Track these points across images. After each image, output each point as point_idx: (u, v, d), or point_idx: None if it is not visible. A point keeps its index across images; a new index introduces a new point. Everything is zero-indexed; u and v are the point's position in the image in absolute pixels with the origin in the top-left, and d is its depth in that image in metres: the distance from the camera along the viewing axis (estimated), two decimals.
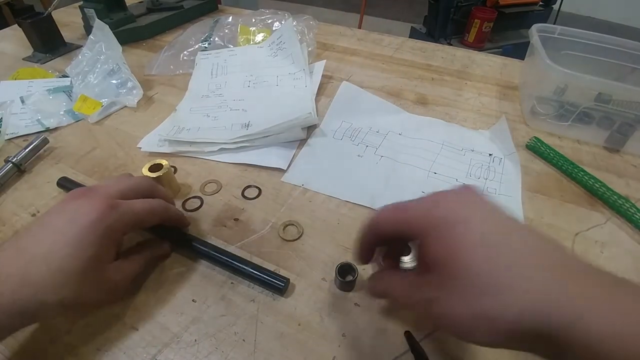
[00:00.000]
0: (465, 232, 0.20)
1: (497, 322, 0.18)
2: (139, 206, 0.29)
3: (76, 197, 0.28)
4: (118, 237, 0.29)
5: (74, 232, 0.25)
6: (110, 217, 0.27)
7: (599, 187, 0.40)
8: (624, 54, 0.52)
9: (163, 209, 0.32)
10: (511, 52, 1.74)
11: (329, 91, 0.59)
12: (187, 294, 0.32)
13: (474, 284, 0.18)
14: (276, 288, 0.31)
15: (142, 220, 0.30)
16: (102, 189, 0.29)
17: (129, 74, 0.58)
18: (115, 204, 0.27)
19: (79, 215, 0.26)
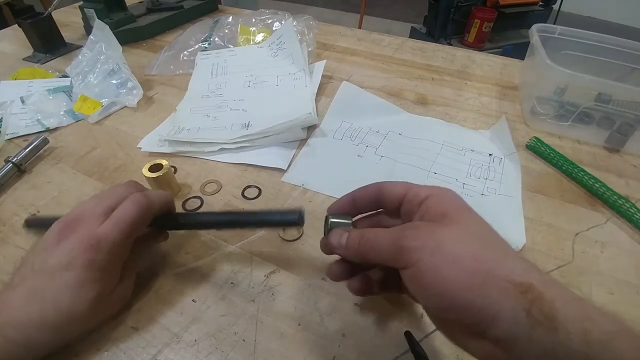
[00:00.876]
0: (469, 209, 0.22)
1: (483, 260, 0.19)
2: (123, 225, 0.27)
3: (65, 235, 0.26)
4: (117, 264, 0.28)
5: (74, 277, 0.25)
6: (100, 257, 0.26)
7: (599, 187, 0.40)
8: (624, 54, 0.52)
9: (146, 212, 0.28)
10: (511, 52, 1.74)
11: (329, 91, 0.59)
12: (187, 294, 0.32)
13: (473, 232, 0.20)
14: (291, 223, 0.28)
15: (132, 234, 0.28)
16: (88, 217, 0.27)
17: (129, 74, 0.58)
18: (100, 239, 0.26)
19: (72, 260, 0.25)
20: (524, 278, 0.18)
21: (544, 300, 0.17)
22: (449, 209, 0.22)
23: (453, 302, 0.18)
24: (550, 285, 0.17)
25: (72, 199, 0.41)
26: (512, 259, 0.19)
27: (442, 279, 0.18)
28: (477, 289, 0.18)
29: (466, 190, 0.42)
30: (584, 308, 0.17)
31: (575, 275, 0.33)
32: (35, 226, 0.34)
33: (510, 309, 0.17)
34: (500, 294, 0.17)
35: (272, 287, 0.32)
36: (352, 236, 0.24)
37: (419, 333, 0.29)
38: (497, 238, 0.21)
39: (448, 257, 0.19)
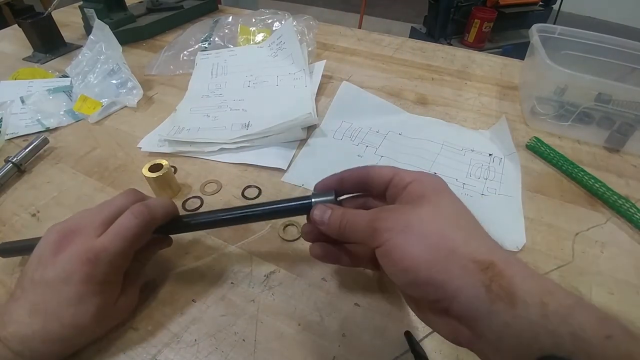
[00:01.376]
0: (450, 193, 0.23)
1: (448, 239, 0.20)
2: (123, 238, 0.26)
3: (62, 246, 0.26)
4: (118, 275, 0.27)
5: (73, 292, 0.25)
6: (99, 271, 0.25)
7: (599, 187, 0.40)
8: (624, 54, 0.52)
9: (147, 223, 0.27)
10: (511, 52, 1.74)
11: (329, 91, 0.59)
12: (187, 294, 0.32)
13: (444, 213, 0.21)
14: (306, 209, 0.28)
15: (133, 246, 0.27)
16: (86, 228, 0.26)
17: (129, 74, 0.58)
18: (99, 252, 0.25)
19: (70, 274, 0.25)
20: (485, 256, 0.19)
21: (504, 277, 0.18)
22: (427, 191, 0.23)
23: (417, 277, 0.19)
24: (511, 263, 0.18)
25: (72, 199, 0.41)
26: (479, 238, 0.20)
27: (407, 255, 0.20)
28: (440, 265, 0.19)
29: (466, 190, 0.42)
30: (543, 283, 0.18)
31: (575, 275, 0.33)
32: (8, 252, 0.33)
33: (471, 285, 0.18)
34: (461, 270, 0.18)
35: (272, 287, 0.32)
36: (335, 214, 0.25)
37: (419, 333, 0.29)
38: (469, 219, 0.22)
39: (415, 235, 0.20)
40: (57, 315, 0.24)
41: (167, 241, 0.32)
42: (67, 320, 0.24)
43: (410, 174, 0.25)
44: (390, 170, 0.26)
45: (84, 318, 0.25)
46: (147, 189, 0.40)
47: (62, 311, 0.24)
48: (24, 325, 0.24)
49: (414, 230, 0.20)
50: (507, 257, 0.19)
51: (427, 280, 0.19)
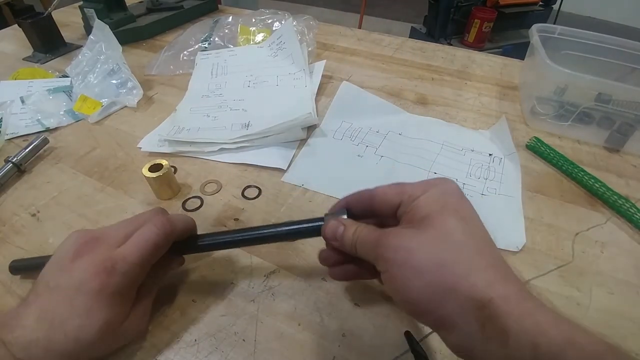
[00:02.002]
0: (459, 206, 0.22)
1: (448, 274, 0.19)
2: (143, 248, 0.26)
3: (81, 253, 0.25)
4: (131, 289, 0.26)
5: (82, 302, 0.24)
6: (113, 281, 0.24)
7: (599, 187, 0.40)
8: (624, 54, 0.52)
9: (167, 235, 0.27)
10: (511, 52, 1.74)
11: (329, 91, 0.59)
12: (187, 294, 0.32)
13: (448, 240, 0.20)
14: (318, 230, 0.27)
15: (152, 258, 0.27)
16: (108, 238, 0.26)
17: (129, 74, 0.58)
18: (117, 261, 0.25)
19: (83, 283, 0.24)
20: (484, 293, 0.18)
21: (499, 316, 0.18)
22: (432, 210, 0.22)
23: (416, 309, 0.20)
24: (510, 300, 0.18)
25: (72, 199, 0.41)
26: (482, 268, 0.20)
27: (407, 289, 0.20)
28: (438, 301, 0.19)
29: (466, 190, 0.42)
30: (539, 321, 0.17)
31: (575, 275, 0.33)
32: (20, 270, 0.33)
33: (466, 323, 0.18)
34: (459, 308, 0.19)
35: (272, 287, 0.32)
36: (348, 230, 0.24)
37: (419, 333, 0.29)
38: (477, 241, 0.21)
39: (414, 269, 0.20)
40: (62, 326, 0.23)
41: (179, 261, 0.32)
42: (71, 332, 0.23)
43: (419, 187, 0.23)
44: (397, 192, 0.24)
45: (88, 333, 0.24)
46: (147, 189, 0.40)
47: (68, 322, 0.23)
48: (29, 331, 0.23)
49: (413, 263, 0.20)
50: (505, 293, 0.18)
51: (425, 313, 0.20)
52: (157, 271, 0.29)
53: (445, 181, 0.24)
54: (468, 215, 0.22)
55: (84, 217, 0.39)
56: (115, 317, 0.25)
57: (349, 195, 0.27)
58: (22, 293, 0.32)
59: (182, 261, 0.32)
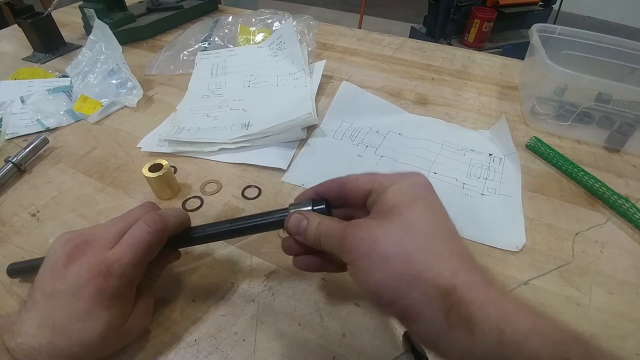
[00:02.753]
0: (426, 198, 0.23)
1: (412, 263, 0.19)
2: (136, 248, 0.25)
3: (73, 257, 0.25)
4: (130, 290, 0.26)
5: (81, 306, 0.24)
6: (110, 284, 0.24)
7: (599, 187, 0.40)
8: (624, 54, 0.52)
9: (160, 232, 0.26)
10: (511, 52, 1.74)
11: (329, 91, 0.59)
12: (187, 294, 0.32)
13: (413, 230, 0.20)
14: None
15: (146, 257, 0.26)
16: (99, 239, 0.26)
17: (129, 74, 0.58)
18: (111, 264, 0.24)
19: (79, 288, 0.24)
20: (448, 280, 0.18)
21: (463, 303, 0.18)
22: (400, 201, 0.22)
23: (380, 299, 0.20)
24: (474, 287, 0.18)
25: (72, 199, 0.41)
26: (446, 257, 0.20)
27: (372, 279, 0.20)
28: (402, 290, 0.19)
29: (466, 190, 0.42)
30: (503, 308, 0.17)
31: (575, 275, 0.33)
32: (17, 273, 0.33)
33: (431, 312, 0.18)
34: (423, 297, 0.19)
35: (272, 287, 0.32)
36: (311, 224, 0.24)
37: None
38: (442, 232, 0.21)
39: (379, 258, 0.20)
40: (65, 330, 0.23)
41: (176, 254, 0.31)
42: (75, 336, 0.23)
43: (390, 178, 0.24)
44: (368, 179, 0.25)
45: (91, 335, 0.24)
46: (147, 189, 0.40)
47: (70, 326, 0.23)
48: (31, 338, 0.23)
49: (379, 252, 0.20)
50: (470, 280, 0.19)
51: (390, 304, 0.20)
52: (154, 267, 0.29)
53: (416, 174, 0.24)
54: (435, 207, 0.22)
55: (84, 217, 0.39)
56: (117, 318, 0.25)
57: (318, 184, 0.27)
58: (22, 293, 0.32)
59: (178, 255, 0.31)
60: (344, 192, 0.26)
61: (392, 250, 0.20)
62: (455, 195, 0.41)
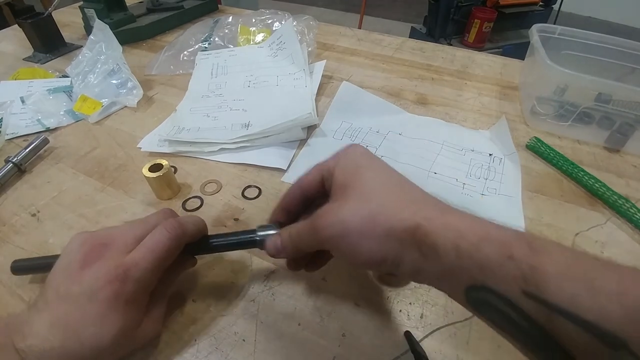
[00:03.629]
0: (369, 164, 0.24)
1: (380, 221, 0.21)
2: (155, 254, 0.25)
3: (90, 260, 0.25)
4: (145, 296, 0.26)
5: (95, 310, 0.24)
6: (126, 289, 0.24)
7: (599, 187, 0.40)
8: (624, 54, 0.52)
9: (179, 239, 0.27)
10: (511, 52, 1.74)
11: (329, 91, 0.59)
12: (187, 294, 0.32)
13: (366, 193, 0.23)
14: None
15: (164, 263, 0.26)
16: (116, 243, 0.26)
17: (129, 74, 0.58)
18: (129, 268, 0.24)
19: (95, 291, 0.24)
20: (411, 221, 0.21)
21: (428, 235, 0.20)
22: (347, 176, 0.24)
23: (373, 264, 0.23)
24: (433, 219, 0.20)
25: (72, 199, 0.41)
26: (404, 207, 0.22)
27: (357, 253, 0.22)
28: (384, 248, 0.21)
29: (466, 190, 0.42)
30: (459, 229, 0.20)
31: None
32: (22, 270, 0.33)
33: (409, 253, 0.21)
34: (397, 243, 0.21)
35: (272, 287, 0.32)
36: (284, 238, 0.26)
37: (419, 333, 0.29)
38: (392, 184, 0.23)
39: (354, 235, 0.22)
40: (78, 334, 0.23)
41: (192, 261, 0.31)
42: (87, 340, 0.23)
43: (331, 160, 0.26)
44: (315, 171, 0.27)
45: (103, 340, 0.23)
46: (147, 189, 0.40)
47: (83, 330, 0.23)
48: (42, 340, 0.23)
49: (351, 229, 0.22)
50: (428, 215, 0.21)
51: (381, 263, 0.22)
52: (169, 274, 0.29)
53: (352, 146, 0.26)
54: (380, 167, 0.24)
55: (84, 217, 0.39)
56: (130, 324, 0.25)
57: (281, 199, 0.29)
58: (22, 293, 0.32)
59: (194, 262, 0.31)
60: (304, 193, 0.27)
61: (359, 221, 0.22)
62: (455, 195, 0.41)
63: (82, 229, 0.37)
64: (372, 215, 0.22)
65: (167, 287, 0.29)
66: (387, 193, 0.23)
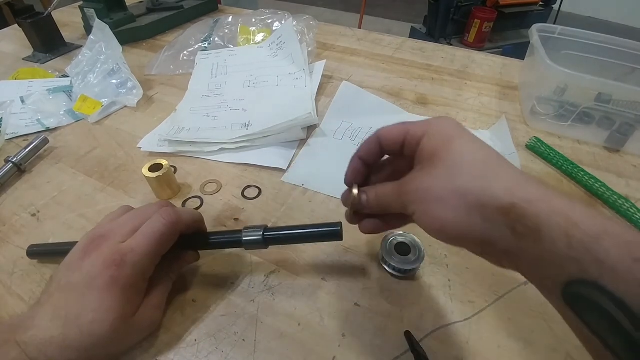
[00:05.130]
0: (460, 135, 0.23)
1: (465, 194, 0.20)
2: (150, 239, 0.26)
3: (89, 251, 0.26)
4: (142, 282, 0.27)
5: (94, 297, 0.24)
6: (123, 274, 0.25)
7: (599, 187, 0.40)
8: (624, 54, 0.52)
9: (174, 226, 0.28)
10: (511, 52, 1.74)
11: (329, 91, 0.59)
12: (187, 294, 0.32)
13: (456, 166, 0.21)
14: (333, 235, 0.29)
15: (160, 250, 0.27)
16: (114, 234, 0.27)
17: (129, 74, 0.58)
18: (125, 254, 0.25)
19: (93, 278, 0.24)
20: (506, 199, 0.19)
21: (527, 216, 0.19)
22: (438, 146, 0.23)
23: (449, 236, 0.22)
24: (535, 201, 0.19)
25: (72, 199, 0.41)
26: (497, 181, 0.20)
27: (436, 221, 0.22)
28: (465, 221, 0.20)
29: None
30: (571, 216, 0.18)
31: None
32: (38, 255, 0.34)
33: (497, 231, 0.19)
34: (485, 221, 0.20)
35: (272, 287, 0.32)
36: (369, 196, 0.26)
37: (419, 333, 0.29)
38: (485, 159, 0.22)
39: (436, 202, 0.21)
40: (77, 321, 0.24)
41: (195, 255, 0.32)
42: (86, 327, 0.24)
43: (420, 126, 0.24)
44: (400, 131, 0.25)
45: (102, 326, 0.24)
46: (147, 189, 0.40)
47: (82, 317, 0.24)
48: (43, 330, 0.23)
49: (434, 196, 0.21)
50: (528, 196, 0.19)
51: (459, 237, 0.21)
52: (172, 265, 0.30)
53: (443, 118, 0.25)
54: (470, 139, 0.23)
55: (84, 217, 0.39)
56: (128, 309, 0.26)
57: (359, 149, 0.27)
58: (22, 293, 0.32)
59: (197, 256, 0.32)
60: (381, 146, 0.27)
61: (444, 190, 0.21)
62: None
63: (82, 229, 0.37)
64: (457, 187, 0.21)
65: (168, 278, 0.30)
66: (479, 167, 0.21)
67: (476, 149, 0.22)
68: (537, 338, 0.28)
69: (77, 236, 0.29)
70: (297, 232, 0.30)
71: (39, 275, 0.33)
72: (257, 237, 0.29)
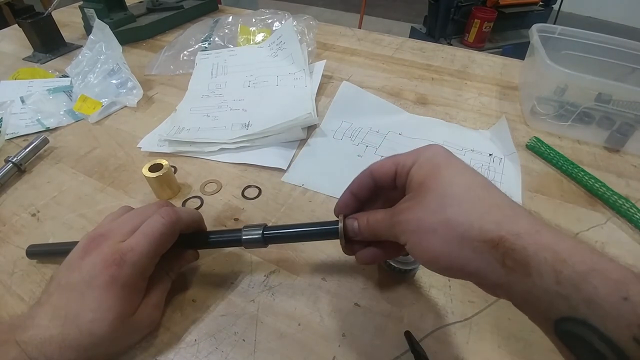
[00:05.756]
0: (449, 164, 0.23)
1: (455, 226, 0.20)
2: (150, 238, 0.26)
3: (89, 250, 0.26)
4: (141, 281, 0.27)
5: (93, 296, 0.24)
6: (123, 273, 0.25)
7: (599, 187, 0.40)
8: (624, 54, 0.52)
9: (173, 225, 0.28)
10: (511, 52, 1.74)
11: (329, 91, 0.59)
12: (187, 294, 0.32)
13: (446, 196, 0.22)
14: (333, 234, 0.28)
15: (159, 248, 0.27)
16: (114, 233, 0.27)
17: (129, 74, 0.58)
18: (125, 253, 0.25)
19: (93, 277, 0.25)
20: (494, 233, 0.19)
21: (515, 250, 0.19)
22: (425, 175, 0.23)
23: (440, 266, 0.22)
24: (523, 235, 0.19)
25: (72, 199, 0.41)
26: (486, 213, 0.20)
27: (428, 252, 0.22)
28: (454, 253, 0.20)
29: None
30: (558, 251, 0.18)
31: None
32: (37, 255, 0.34)
33: (486, 263, 0.20)
34: (474, 253, 0.20)
35: (272, 287, 0.32)
36: (361, 223, 0.26)
37: (419, 333, 0.29)
38: (475, 190, 0.22)
39: (427, 232, 0.21)
40: (76, 321, 0.24)
41: (194, 254, 0.32)
42: (85, 326, 0.24)
43: (409, 156, 0.25)
44: (391, 162, 0.26)
45: (101, 326, 0.24)
46: (147, 189, 0.40)
47: (81, 316, 0.24)
48: (42, 329, 0.23)
49: (425, 227, 0.22)
50: (517, 229, 0.19)
51: (451, 268, 0.21)
52: (172, 264, 0.30)
53: (432, 146, 0.25)
54: (460, 169, 0.23)
55: (84, 217, 0.39)
56: (127, 309, 0.26)
57: (351, 183, 0.28)
58: (22, 293, 0.32)
59: (196, 255, 0.32)
60: (374, 181, 0.27)
61: (434, 221, 0.21)
62: None
63: (82, 229, 0.37)
64: (447, 218, 0.21)
65: (168, 277, 0.30)
66: (468, 198, 0.21)
67: (465, 178, 0.22)
68: (537, 338, 0.28)
69: (77, 236, 0.29)
70: (297, 230, 0.29)
71: (39, 275, 0.33)
72: (256, 236, 0.29)
